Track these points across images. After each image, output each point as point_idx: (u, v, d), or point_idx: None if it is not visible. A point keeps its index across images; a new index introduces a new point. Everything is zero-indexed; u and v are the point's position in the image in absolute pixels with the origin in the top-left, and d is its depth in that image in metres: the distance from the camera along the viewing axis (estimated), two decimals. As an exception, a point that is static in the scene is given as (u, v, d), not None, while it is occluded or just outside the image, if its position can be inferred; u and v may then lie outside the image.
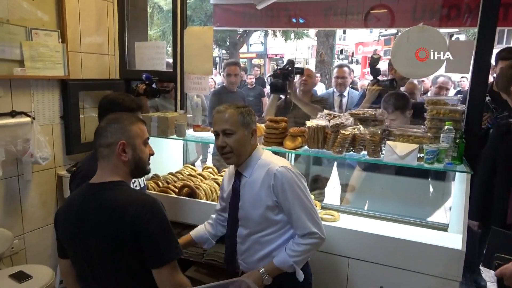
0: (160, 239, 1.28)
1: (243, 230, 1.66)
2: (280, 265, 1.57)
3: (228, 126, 1.56)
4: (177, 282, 1.31)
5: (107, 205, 1.30)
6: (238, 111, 1.58)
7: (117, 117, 1.40)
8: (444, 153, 1.92)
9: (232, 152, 1.58)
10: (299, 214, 1.54)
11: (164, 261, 1.28)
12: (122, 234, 1.26)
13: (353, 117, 2.19)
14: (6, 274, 2.27)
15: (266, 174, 1.57)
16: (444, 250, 1.82)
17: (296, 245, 1.56)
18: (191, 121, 2.69)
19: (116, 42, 3.03)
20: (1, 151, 2.28)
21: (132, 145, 1.37)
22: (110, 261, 1.31)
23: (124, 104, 1.78)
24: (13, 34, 2.32)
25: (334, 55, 11.07)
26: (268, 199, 1.56)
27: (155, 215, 1.28)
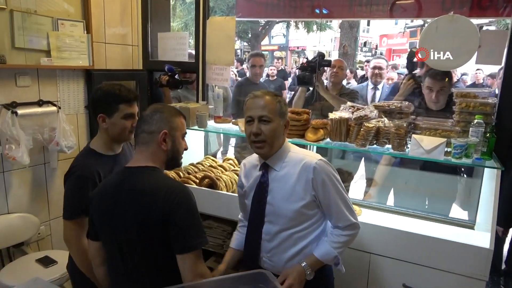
0: (186, 225, 1.31)
1: (272, 227, 1.56)
2: (323, 257, 1.52)
3: (266, 113, 1.48)
4: (198, 271, 1.33)
5: (140, 188, 1.34)
6: (275, 99, 1.52)
7: (162, 107, 1.45)
8: (473, 147, 1.84)
9: (265, 141, 1.49)
10: (340, 207, 1.51)
11: (189, 248, 1.31)
12: (152, 218, 1.30)
13: (378, 109, 2.13)
14: (33, 258, 2.35)
15: (303, 168, 1.49)
16: (471, 248, 1.76)
17: (338, 236, 1.53)
18: (213, 112, 2.69)
19: (139, 33, 3.05)
20: (29, 139, 2.34)
21: (173, 136, 1.42)
22: (140, 244, 1.34)
23: (121, 95, 1.67)
24: (40, 25, 2.36)
25: (358, 47, 10.87)
26: (305, 194, 1.50)
27: (183, 202, 1.31)
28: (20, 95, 2.34)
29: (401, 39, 13.97)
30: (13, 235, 2.36)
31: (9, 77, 2.29)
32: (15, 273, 2.21)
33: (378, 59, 3.58)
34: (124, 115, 1.68)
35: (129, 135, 1.73)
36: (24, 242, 2.44)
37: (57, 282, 2.14)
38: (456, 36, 2.05)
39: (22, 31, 2.27)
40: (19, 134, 2.23)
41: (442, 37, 2.07)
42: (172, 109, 1.47)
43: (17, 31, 2.25)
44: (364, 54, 14.57)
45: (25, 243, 2.46)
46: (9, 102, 2.28)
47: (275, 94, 1.55)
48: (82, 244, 1.64)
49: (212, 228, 2.34)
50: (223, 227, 2.32)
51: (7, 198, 2.37)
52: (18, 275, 2.18)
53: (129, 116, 1.70)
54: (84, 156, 1.73)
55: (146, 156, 1.41)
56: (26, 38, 2.30)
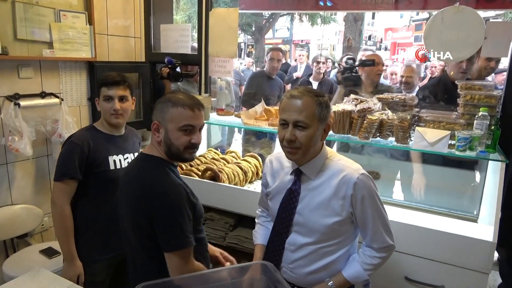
0: (167, 225, 1.29)
1: (298, 238, 1.43)
2: (353, 279, 1.42)
3: (302, 118, 1.29)
4: (186, 271, 1.31)
5: (132, 178, 1.38)
6: (316, 101, 1.30)
7: (167, 97, 1.39)
8: (477, 140, 1.83)
9: (300, 148, 1.32)
10: (378, 227, 1.38)
11: (172, 248, 1.29)
12: (137, 211, 1.32)
13: (381, 101, 2.12)
14: (36, 249, 2.36)
15: (342, 181, 1.34)
16: (474, 241, 1.75)
17: (371, 258, 1.41)
18: (215, 104, 2.68)
19: (142, 24, 3.04)
20: (31, 131, 2.35)
21: (165, 128, 1.35)
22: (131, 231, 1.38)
23: (104, 78, 1.81)
24: (42, 16, 2.35)
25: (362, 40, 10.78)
26: (342, 210, 1.35)
27: (168, 202, 1.28)
28: (22, 87, 2.34)
29: (406, 32, 13.83)
30: (17, 226, 2.37)
31: (12, 69, 2.28)
32: (19, 263, 2.23)
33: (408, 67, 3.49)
34: (103, 96, 1.79)
35: (111, 117, 1.80)
36: (28, 233, 2.46)
37: (61, 273, 2.15)
38: (462, 27, 2.02)
39: (24, 22, 2.27)
40: (22, 126, 2.24)
41: (447, 28, 2.05)
42: (176, 99, 1.35)
43: (19, 22, 2.24)
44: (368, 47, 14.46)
45: (29, 234, 2.48)
46: (12, 94, 2.28)
47: (317, 94, 1.33)
48: (63, 208, 1.74)
49: (214, 220, 2.35)
50: (225, 220, 2.33)
51: (11, 190, 2.39)
52: (22, 265, 2.19)
53: (107, 98, 1.78)
54: (84, 128, 1.91)
55: (151, 145, 1.43)
56: (28, 30, 2.30)
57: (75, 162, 1.72)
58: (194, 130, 1.36)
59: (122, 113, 1.81)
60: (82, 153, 1.73)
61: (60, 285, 1.54)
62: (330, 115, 1.38)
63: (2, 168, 2.32)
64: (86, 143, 1.75)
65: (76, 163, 1.72)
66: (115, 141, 1.86)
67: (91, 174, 1.76)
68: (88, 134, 1.81)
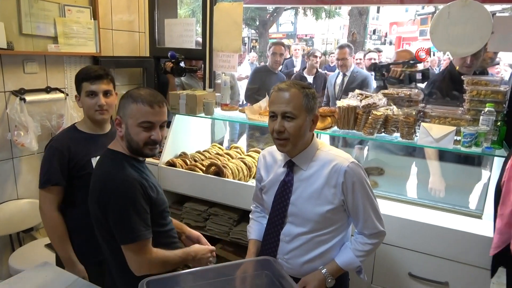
0: (119, 219, 1.30)
1: (293, 228, 1.46)
2: (346, 266, 1.44)
3: (290, 109, 1.34)
4: (142, 262, 1.33)
5: (97, 172, 1.41)
6: (303, 92, 1.36)
7: (129, 93, 1.39)
8: (483, 136, 1.81)
9: (288, 139, 1.37)
10: (369, 214, 1.41)
11: (124, 241, 1.31)
12: (93, 201, 1.36)
13: (386, 97, 2.10)
14: (42, 243, 2.39)
15: (333, 170, 1.38)
16: (478, 237, 1.75)
17: (363, 244, 1.44)
18: (219, 99, 2.67)
19: (146, 19, 3.04)
20: (37, 126, 2.36)
21: (125, 123, 1.36)
22: (97, 226, 1.40)
23: (84, 73, 1.70)
24: (47, 11, 2.36)
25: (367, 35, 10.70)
26: (334, 198, 1.39)
27: (118, 195, 1.30)
28: (28, 81, 2.35)
29: (411, 26, 13.71)
30: (22, 221, 2.39)
31: (17, 64, 2.29)
32: (25, 257, 2.26)
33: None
34: (86, 92, 1.69)
35: (96, 114, 1.71)
36: (34, 227, 2.49)
37: (66, 267, 2.17)
38: (469, 21, 2.00)
39: (29, 17, 2.27)
40: (28, 121, 2.25)
41: (454, 23, 2.02)
42: (138, 95, 1.35)
43: (24, 17, 2.25)
44: (373, 42, 14.34)
45: (34, 228, 2.50)
46: (17, 89, 2.29)
47: (303, 86, 1.39)
48: (52, 215, 1.69)
49: (218, 215, 2.35)
50: (229, 215, 2.33)
51: (17, 184, 2.40)
52: (27, 259, 2.22)
53: (91, 93, 1.68)
54: (64, 130, 1.83)
55: (117, 140, 1.43)
56: (33, 25, 2.30)
57: (57, 167, 1.65)
58: (154, 127, 1.37)
59: (107, 109, 1.72)
60: (62, 157, 1.66)
61: (66, 279, 1.56)
62: (317, 107, 1.43)
63: (8, 163, 2.34)
64: (66, 146, 1.67)
65: (58, 169, 1.65)
66: (98, 140, 1.74)
67: (75, 177, 1.69)
68: (67, 136, 1.73)
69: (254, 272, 1.43)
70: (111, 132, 1.82)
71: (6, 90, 2.25)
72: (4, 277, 2.20)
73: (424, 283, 1.88)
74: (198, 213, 2.42)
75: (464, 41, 2.04)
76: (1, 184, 2.33)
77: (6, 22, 2.17)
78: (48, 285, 1.51)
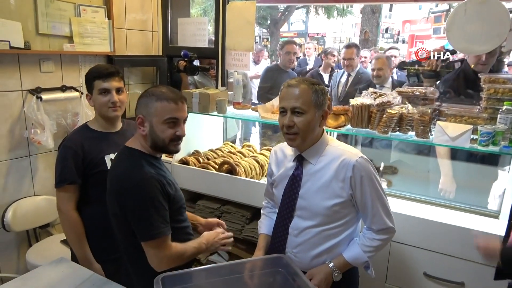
0: (140, 217, 1.31)
1: (301, 222, 1.48)
2: (353, 261, 1.45)
3: (299, 104, 1.37)
4: (163, 257, 1.34)
5: (115, 171, 1.41)
6: (312, 88, 1.39)
7: (150, 91, 1.41)
8: (501, 135, 1.78)
9: (298, 134, 1.40)
10: (378, 209, 1.42)
11: (145, 238, 1.32)
12: (111, 200, 1.37)
13: (401, 95, 2.08)
14: (58, 239, 2.43)
15: (342, 165, 1.40)
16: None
17: (371, 240, 1.45)
18: (232, 98, 2.68)
19: (159, 18, 3.06)
20: (53, 124, 2.40)
21: (150, 122, 1.38)
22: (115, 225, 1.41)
23: (95, 71, 1.73)
24: (63, 11, 2.39)
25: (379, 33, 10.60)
26: (342, 192, 1.41)
27: (137, 193, 1.30)
28: (44, 80, 2.39)
29: (425, 24, 13.51)
30: (39, 217, 2.44)
31: (34, 63, 2.33)
32: (41, 253, 2.30)
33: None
34: (99, 90, 1.70)
35: (109, 111, 1.72)
36: (50, 223, 2.53)
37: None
38: (486, 19, 1.96)
39: (45, 17, 2.31)
40: (44, 119, 2.29)
41: (471, 20, 1.99)
42: (160, 93, 1.37)
43: (41, 17, 2.29)
44: (385, 40, 14.19)
45: (51, 224, 2.54)
46: (34, 88, 2.33)
47: (312, 83, 1.42)
48: (70, 214, 1.70)
49: (231, 213, 2.36)
50: (241, 213, 2.34)
51: (33, 181, 2.45)
52: (44, 254, 2.26)
53: (104, 91, 1.70)
54: (76, 129, 1.84)
55: (135, 137, 1.45)
56: (49, 24, 2.34)
57: (71, 166, 1.67)
58: (178, 123, 1.40)
59: (120, 106, 1.74)
60: (76, 156, 1.68)
61: (81, 274, 1.57)
62: (327, 102, 1.46)
63: (25, 160, 2.38)
64: (80, 145, 1.69)
65: (73, 167, 1.67)
66: (110, 138, 1.77)
67: (88, 176, 1.71)
68: (80, 135, 1.75)
69: (267, 270, 1.43)
70: (122, 130, 1.84)
71: (23, 89, 2.30)
72: (21, 272, 2.25)
73: (440, 283, 1.86)
74: (211, 210, 2.43)
75: (481, 39, 2.00)
76: (18, 180, 2.37)
77: (23, 22, 2.21)
78: (64, 280, 1.53)
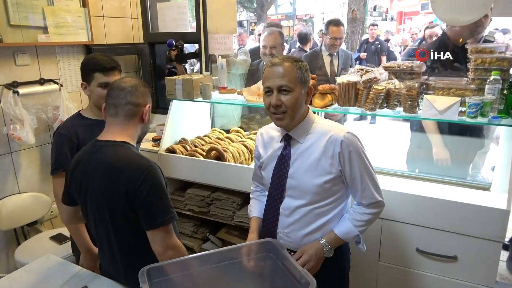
0: (153, 203, 1.28)
1: (292, 201, 1.47)
2: (344, 236, 1.44)
3: (285, 82, 1.34)
4: (169, 244, 1.32)
5: (105, 163, 1.32)
6: (296, 65, 1.36)
7: (141, 82, 1.45)
8: (489, 105, 1.75)
9: (286, 112, 1.38)
10: (367, 183, 1.41)
11: (158, 225, 1.29)
12: (116, 195, 1.28)
13: (387, 70, 2.04)
14: (47, 236, 2.39)
15: (330, 141, 1.38)
16: (486, 210, 1.70)
17: (361, 214, 1.44)
18: (217, 83, 2.62)
19: (138, 4, 2.97)
20: (33, 119, 2.33)
21: (149, 111, 1.45)
22: (108, 217, 1.34)
23: (98, 63, 1.72)
24: (34, 0, 2.29)
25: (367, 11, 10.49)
26: (331, 168, 1.39)
27: (147, 180, 1.27)
28: (20, 74, 2.31)
29: (412, 0, 13.40)
30: (26, 214, 2.39)
31: (8, 56, 2.25)
32: (30, 251, 2.26)
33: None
34: (99, 83, 1.72)
35: None
36: (38, 220, 2.48)
37: (71, 259, 2.17)
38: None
39: (16, 7, 2.21)
40: (23, 114, 2.22)
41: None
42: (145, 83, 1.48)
43: (12, 8, 2.19)
44: (374, 18, 14.07)
45: (39, 221, 2.50)
46: (10, 82, 2.25)
47: (295, 60, 1.39)
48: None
49: (222, 200, 2.33)
50: (232, 199, 2.31)
51: (17, 178, 2.39)
52: (33, 252, 2.22)
53: (105, 85, 1.69)
54: (70, 118, 1.84)
55: (122, 129, 1.38)
56: (21, 15, 2.25)
57: (67, 153, 1.69)
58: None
59: None
60: (71, 143, 1.70)
61: (69, 270, 1.55)
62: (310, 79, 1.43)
63: (7, 158, 2.32)
64: (74, 132, 1.72)
65: (68, 154, 1.69)
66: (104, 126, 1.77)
67: None
68: (75, 123, 1.77)
69: (257, 255, 1.41)
70: None
71: (-2, 83, 2.22)
72: (11, 271, 2.21)
73: (432, 258, 1.85)
74: (201, 198, 2.39)
75: (467, 9, 1.95)
76: (1, 179, 2.31)
77: (-7, 13, 2.12)
78: (52, 277, 1.50)
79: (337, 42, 3.18)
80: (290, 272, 1.26)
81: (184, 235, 2.50)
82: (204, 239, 2.51)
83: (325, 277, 1.44)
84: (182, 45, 2.76)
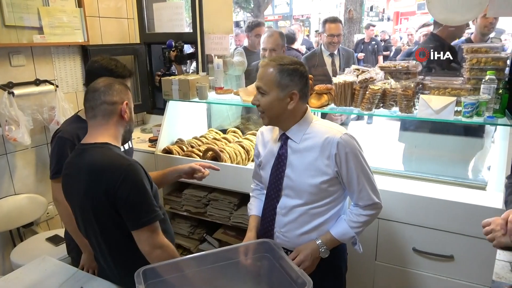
0: (134, 203, 1.27)
1: (288, 201, 1.48)
2: (340, 237, 1.45)
3: (261, 84, 1.38)
4: (156, 243, 1.31)
5: (86, 166, 1.31)
6: (277, 69, 1.36)
7: (117, 80, 1.44)
8: (484, 105, 1.75)
9: (264, 112, 1.42)
10: (363, 185, 1.41)
11: (141, 224, 1.28)
12: (98, 196, 1.27)
13: (384, 70, 2.04)
14: (43, 237, 2.37)
15: (326, 142, 1.38)
16: (482, 209, 1.71)
17: (357, 216, 1.44)
18: (213, 83, 2.61)
19: (134, 5, 2.96)
20: (28, 120, 2.32)
21: (130, 108, 1.41)
22: (94, 220, 1.33)
23: (117, 71, 1.70)
24: (30, 0, 2.28)
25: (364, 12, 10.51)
26: (328, 169, 1.39)
27: (127, 179, 1.25)
28: (15, 75, 2.30)
29: (408, 0, 13.43)
30: (22, 216, 2.38)
31: (3, 57, 2.24)
32: (26, 252, 2.24)
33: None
34: None
35: None
36: (34, 222, 2.47)
37: (67, 260, 2.16)
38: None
39: (11, 7, 2.20)
40: (18, 115, 2.21)
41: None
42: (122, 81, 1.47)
43: (6, 8, 2.18)
44: (370, 19, 14.10)
45: (35, 223, 2.49)
46: (5, 83, 2.24)
47: (282, 63, 1.38)
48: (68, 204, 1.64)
49: (218, 200, 2.33)
50: (229, 199, 2.30)
51: (13, 180, 2.38)
52: (29, 254, 2.20)
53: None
54: (68, 121, 1.82)
55: (103, 130, 1.36)
56: (16, 16, 2.24)
57: (65, 158, 1.59)
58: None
59: None
60: (73, 146, 1.63)
61: (65, 272, 1.54)
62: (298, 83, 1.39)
63: (2, 159, 2.31)
64: (76, 136, 1.68)
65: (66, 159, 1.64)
66: None
67: None
68: (75, 126, 1.73)
69: (254, 255, 1.41)
70: None
71: (-7, 84, 2.21)
72: (6, 273, 2.19)
73: (429, 258, 1.86)
74: (198, 199, 2.39)
75: (463, 8, 1.96)
76: (-3, 180, 2.30)
77: (-12, 14, 2.11)
78: (48, 279, 1.49)
79: (334, 39, 3.07)
80: (286, 272, 1.25)
81: (181, 236, 2.50)
82: (201, 239, 2.51)
83: (322, 277, 1.44)
84: (182, 46, 2.75)
